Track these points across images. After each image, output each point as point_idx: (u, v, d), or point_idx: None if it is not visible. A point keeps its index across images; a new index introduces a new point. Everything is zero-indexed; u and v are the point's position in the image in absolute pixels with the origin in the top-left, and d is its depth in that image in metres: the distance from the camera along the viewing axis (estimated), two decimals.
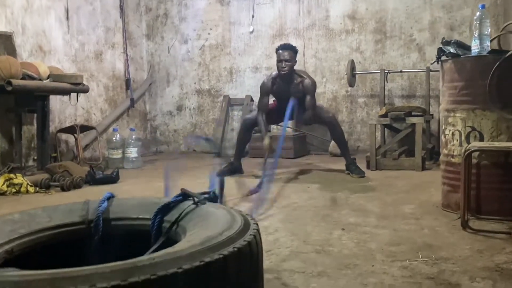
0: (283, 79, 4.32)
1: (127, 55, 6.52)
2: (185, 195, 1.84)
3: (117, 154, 5.45)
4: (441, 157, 3.00)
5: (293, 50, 4.32)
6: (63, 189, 4.10)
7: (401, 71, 5.61)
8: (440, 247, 2.22)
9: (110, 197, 1.90)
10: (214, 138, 6.41)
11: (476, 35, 2.70)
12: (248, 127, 4.55)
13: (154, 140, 7.03)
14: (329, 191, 3.70)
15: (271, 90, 4.42)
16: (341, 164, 4.64)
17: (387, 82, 5.56)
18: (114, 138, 5.50)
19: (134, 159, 5.47)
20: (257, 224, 1.54)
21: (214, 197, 1.87)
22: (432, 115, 5.38)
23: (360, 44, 6.03)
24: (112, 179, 4.44)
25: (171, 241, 1.71)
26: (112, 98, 6.33)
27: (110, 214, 1.83)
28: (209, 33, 6.64)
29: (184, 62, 6.80)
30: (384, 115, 4.92)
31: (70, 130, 5.17)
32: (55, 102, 5.33)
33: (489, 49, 2.69)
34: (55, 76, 4.56)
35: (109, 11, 6.25)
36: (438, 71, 5.40)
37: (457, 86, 2.77)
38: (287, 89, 4.33)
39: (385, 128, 5.44)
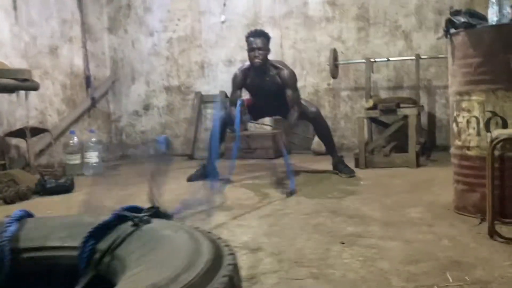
0: (257, 71, 3.79)
1: (86, 50, 5.91)
2: (129, 212, 1.30)
3: (75, 160, 4.84)
4: (453, 150, 2.51)
5: (265, 36, 3.79)
6: (6, 202, 3.50)
7: (387, 60, 5.13)
8: (471, 264, 1.72)
9: (23, 217, 1.34)
10: (185, 139, 5.86)
11: (493, 0, 2.23)
12: (222, 125, 3.98)
13: (120, 143, 6.42)
14: (318, 195, 3.19)
15: (244, 84, 3.89)
16: (326, 164, 4.14)
17: (372, 73, 5.08)
18: (71, 142, 4.88)
19: (95, 164, 4.86)
20: (233, 255, 1.01)
21: (165, 214, 1.34)
22: (422, 106, 4.93)
23: (341, 32, 5.55)
24: (66, 188, 3.84)
25: (106, 280, 1.18)
26: (71, 98, 5.71)
27: (22, 242, 1.27)
28: (177, 24, 6.06)
29: (151, 57, 6.20)
30: (372, 108, 4.44)
31: (19, 133, 4.53)
32: (2, 102, 4.70)
33: (510, 16, 2.21)
34: None
35: (64, 1, 5.62)
36: (427, 58, 5.03)
37: (472, 63, 2.28)
38: (262, 82, 3.80)
39: (372, 123, 4.96)
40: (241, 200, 3.16)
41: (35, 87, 4.29)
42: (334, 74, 5.09)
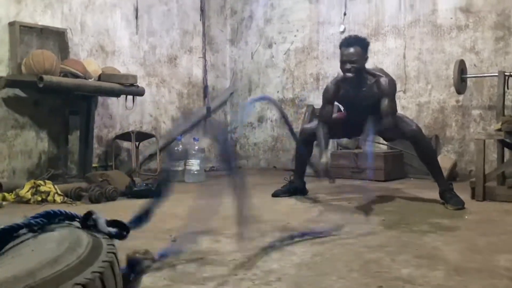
0: (352, 82, 3.32)
1: (205, 60, 6.01)
2: (51, 215, 1.13)
3: (178, 166, 4.89)
4: None
5: (361, 44, 3.26)
6: (91, 201, 3.60)
7: None
8: None
9: None
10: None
11: None
12: (307, 139, 3.63)
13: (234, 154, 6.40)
14: (401, 226, 2.68)
15: (336, 97, 3.47)
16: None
17: (507, 89, 4.29)
18: (176, 149, 4.95)
19: (195, 172, 4.86)
20: (113, 246, 0.99)
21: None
22: None
23: (475, 42, 4.82)
24: (152, 193, 3.84)
25: None
26: (187, 106, 5.84)
27: None
28: (295, 35, 5.87)
29: (268, 69, 6.10)
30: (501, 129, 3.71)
31: (126, 137, 4.72)
32: (117, 106, 4.95)
33: None
34: (103, 75, 4.14)
35: (187, 13, 5.80)
36: None
37: None
38: (357, 94, 3.34)
39: (504, 147, 4.17)
40: (308, 222, 2.81)
41: (140, 93, 4.42)
42: (459, 89, 4.42)
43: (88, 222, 1.10)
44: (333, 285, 1.67)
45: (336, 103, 3.68)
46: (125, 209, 3.29)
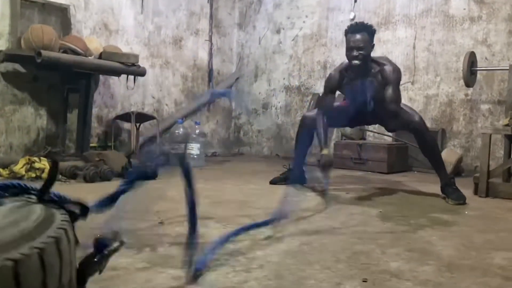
0: (357, 71, 3.22)
1: (211, 43, 5.91)
2: (5, 187, 1.06)
3: (177, 150, 4.81)
4: None
5: (368, 31, 3.14)
6: (85, 180, 3.56)
7: None
8: None
9: None
10: None
11: None
12: (308, 127, 3.52)
13: (237, 140, 6.32)
14: (397, 219, 2.59)
15: (339, 86, 3.34)
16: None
17: None
18: (176, 132, 4.88)
19: (195, 156, 4.79)
20: (66, 222, 0.92)
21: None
22: None
23: (488, 35, 4.67)
24: (147, 175, 3.77)
25: None
26: (191, 90, 5.76)
27: None
28: (304, 21, 5.75)
29: (275, 55, 5.99)
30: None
31: (126, 117, 4.66)
32: (119, 86, 4.88)
33: None
34: (104, 54, 4.06)
35: None
36: None
37: None
38: (362, 83, 3.22)
39: (511, 143, 4.05)
40: (303, 211, 2.72)
41: (141, 73, 4.35)
42: (468, 81, 4.29)
43: (44, 197, 1.03)
44: (315, 275, 1.59)
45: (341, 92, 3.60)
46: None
